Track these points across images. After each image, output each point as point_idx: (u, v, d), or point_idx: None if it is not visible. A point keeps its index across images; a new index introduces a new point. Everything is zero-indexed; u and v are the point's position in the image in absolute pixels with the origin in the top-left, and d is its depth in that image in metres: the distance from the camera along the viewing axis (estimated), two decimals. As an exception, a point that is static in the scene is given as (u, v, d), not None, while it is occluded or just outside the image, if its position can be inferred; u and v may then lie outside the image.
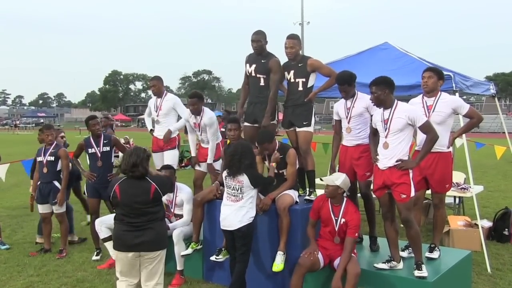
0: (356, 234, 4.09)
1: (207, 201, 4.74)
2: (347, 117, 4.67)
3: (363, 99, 4.55)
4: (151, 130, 6.16)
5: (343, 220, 4.12)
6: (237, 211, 4.12)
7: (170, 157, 5.85)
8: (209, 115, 5.32)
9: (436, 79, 4.46)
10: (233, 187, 4.14)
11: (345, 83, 4.56)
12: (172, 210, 5.12)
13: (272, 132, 4.74)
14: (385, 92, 3.98)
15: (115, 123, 25.22)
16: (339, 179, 4.15)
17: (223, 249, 4.54)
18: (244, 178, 4.10)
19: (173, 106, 5.88)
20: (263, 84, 4.98)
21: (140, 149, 3.69)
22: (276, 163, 4.48)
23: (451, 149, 4.51)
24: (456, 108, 4.44)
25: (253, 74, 5.02)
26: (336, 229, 4.14)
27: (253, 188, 4.16)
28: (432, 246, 4.53)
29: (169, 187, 3.83)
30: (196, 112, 5.33)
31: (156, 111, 5.91)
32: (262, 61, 4.96)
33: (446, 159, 4.45)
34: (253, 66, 5.01)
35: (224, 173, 4.22)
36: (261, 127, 4.97)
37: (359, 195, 4.89)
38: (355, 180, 4.81)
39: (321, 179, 4.41)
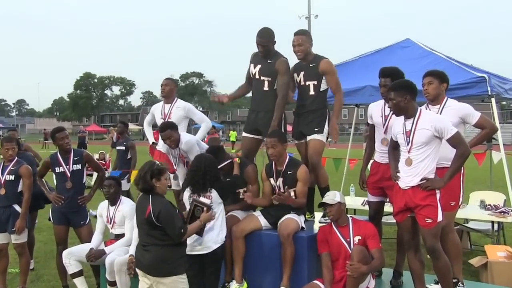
0: (380, 244, 4.30)
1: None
2: (383, 125, 4.72)
3: None
4: (153, 143, 6.11)
5: (357, 238, 4.29)
6: (209, 231, 4.24)
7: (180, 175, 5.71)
8: (185, 139, 5.33)
9: (438, 83, 4.48)
10: None
11: (388, 76, 4.63)
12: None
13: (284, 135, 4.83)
14: (405, 98, 4.03)
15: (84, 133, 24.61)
16: (337, 195, 4.39)
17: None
18: (212, 193, 4.27)
19: (185, 115, 5.84)
20: (267, 88, 5.06)
21: (147, 163, 4.06)
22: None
23: None
24: (464, 117, 4.44)
25: (257, 76, 5.11)
26: (351, 251, 4.26)
27: (221, 202, 4.37)
28: (454, 281, 4.48)
29: (165, 219, 3.84)
30: (175, 144, 5.31)
31: (165, 120, 5.80)
32: (269, 61, 5.04)
33: None
34: (258, 66, 5.10)
35: (187, 192, 4.36)
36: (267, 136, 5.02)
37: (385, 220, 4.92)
38: (382, 201, 4.89)
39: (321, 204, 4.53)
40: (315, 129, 4.89)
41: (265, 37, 5.03)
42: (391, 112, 4.58)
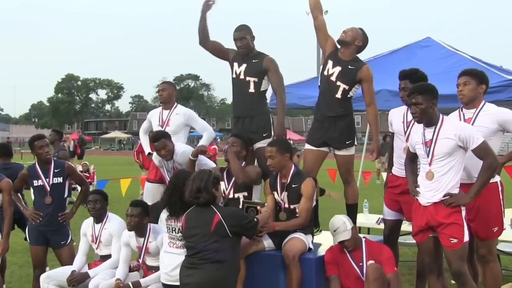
0: (396, 269, 4.34)
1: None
2: (405, 132, 4.73)
3: None
4: (149, 153, 6.14)
5: (371, 262, 4.30)
6: None
7: None
8: (180, 150, 5.38)
9: (475, 84, 4.40)
10: (179, 229, 4.29)
11: (406, 77, 4.69)
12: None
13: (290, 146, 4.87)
14: (433, 103, 4.04)
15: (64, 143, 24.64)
16: (346, 222, 4.40)
17: None
18: None
19: (185, 122, 5.87)
20: (252, 90, 5.20)
21: (204, 172, 4.17)
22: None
23: (498, 178, 4.41)
24: (504, 123, 4.35)
25: (241, 76, 5.24)
26: (364, 277, 4.27)
27: None
28: None
29: (240, 221, 4.08)
30: (170, 155, 5.37)
31: (162, 127, 5.84)
32: (254, 61, 5.21)
33: (492, 192, 4.31)
34: (243, 66, 5.24)
35: (164, 214, 4.36)
36: (275, 137, 5.10)
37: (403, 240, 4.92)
38: (399, 219, 4.91)
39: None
40: (347, 142, 5.00)
41: (242, 30, 5.22)
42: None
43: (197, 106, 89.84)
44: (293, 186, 4.63)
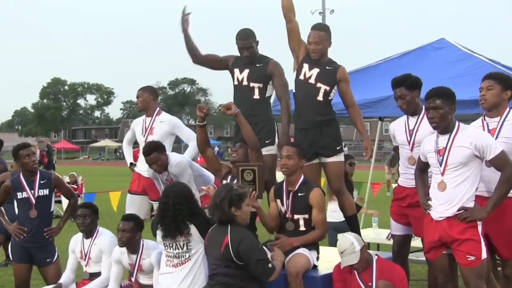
0: None
1: None
2: (409, 142, 4.74)
3: None
4: (131, 164, 6.18)
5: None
6: (184, 279, 4.24)
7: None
8: (175, 161, 5.41)
9: (500, 89, 4.34)
10: (176, 245, 4.31)
11: (401, 84, 4.68)
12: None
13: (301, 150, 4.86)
14: (451, 109, 4.04)
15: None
16: (354, 243, 4.33)
17: None
18: (192, 229, 4.26)
19: (170, 131, 5.91)
20: (257, 96, 5.21)
21: (224, 188, 4.14)
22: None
23: None
24: None
25: (245, 82, 5.25)
26: None
27: (202, 240, 4.31)
28: None
29: (250, 253, 3.90)
30: (163, 168, 5.41)
31: (145, 136, 5.89)
32: (257, 65, 5.22)
33: None
34: (246, 71, 5.24)
35: (159, 233, 4.37)
36: (279, 145, 5.13)
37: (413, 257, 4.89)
38: (408, 234, 4.89)
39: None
40: (337, 148, 5.05)
41: (248, 38, 5.20)
42: (417, 125, 4.65)
43: (193, 113, 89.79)
44: (299, 194, 4.63)
